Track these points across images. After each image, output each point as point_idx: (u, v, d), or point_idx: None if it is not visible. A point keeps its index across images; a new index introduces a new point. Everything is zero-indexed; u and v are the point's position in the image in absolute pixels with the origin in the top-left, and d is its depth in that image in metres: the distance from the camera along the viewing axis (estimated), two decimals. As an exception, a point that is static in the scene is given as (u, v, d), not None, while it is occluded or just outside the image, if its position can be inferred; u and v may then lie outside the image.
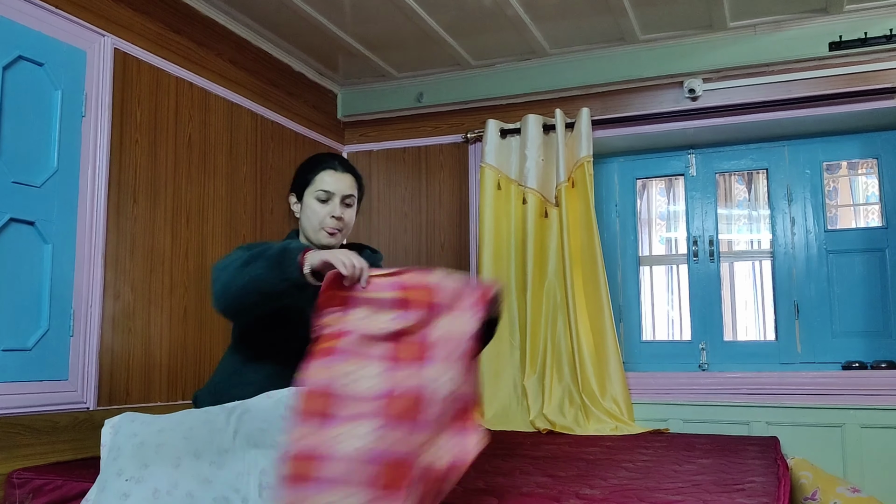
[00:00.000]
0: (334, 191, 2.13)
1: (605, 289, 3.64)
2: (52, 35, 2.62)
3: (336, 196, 2.13)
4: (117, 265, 2.83)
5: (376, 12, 3.40)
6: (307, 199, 2.15)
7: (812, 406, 3.37)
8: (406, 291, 1.61)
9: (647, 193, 4.17)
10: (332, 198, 2.13)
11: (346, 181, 2.16)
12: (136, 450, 1.68)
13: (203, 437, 1.68)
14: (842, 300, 3.65)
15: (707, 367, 3.79)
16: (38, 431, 2.43)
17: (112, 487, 1.62)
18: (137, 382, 2.88)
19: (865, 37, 3.36)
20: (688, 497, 1.89)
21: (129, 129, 2.93)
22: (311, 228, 2.14)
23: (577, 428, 3.49)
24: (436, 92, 4.17)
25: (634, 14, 3.44)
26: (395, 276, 1.66)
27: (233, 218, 3.46)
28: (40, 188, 2.54)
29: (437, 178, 4.21)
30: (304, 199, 2.16)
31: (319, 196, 2.13)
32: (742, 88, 3.63)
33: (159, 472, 1.63)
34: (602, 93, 3.89)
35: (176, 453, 1.67)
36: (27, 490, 2.25)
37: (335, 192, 2.13)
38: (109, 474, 1.66)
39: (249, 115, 3.61)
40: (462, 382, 1.52)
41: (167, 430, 1.73)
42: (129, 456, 1.67)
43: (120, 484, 1.62)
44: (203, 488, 1.61)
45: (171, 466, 1.64)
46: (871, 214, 3.78)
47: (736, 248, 3.96)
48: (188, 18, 3.25)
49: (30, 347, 2.48)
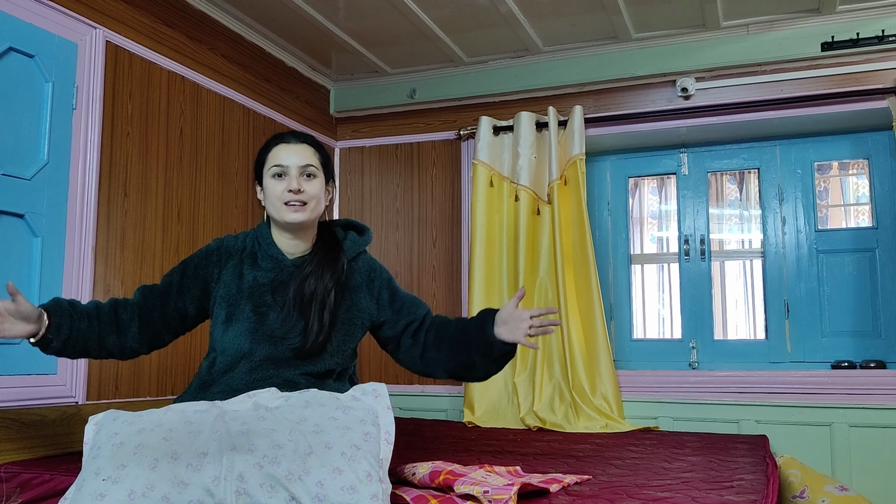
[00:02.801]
0: (288, 164, 2.02)
1: (596, 287, 3.64)
2: (44, 27, 2.60)
3: (292, 168, 2.02)
4: (107, 259, 2.82)
5: (370, 8, 3.40)
6: (266, 182, 2.05)
7: (801, 405, 3.39)
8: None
9: (639, 192, 4.18)
10: (288, 171, 2.02)
11: (301, 151, 2.05)
12: (115, 450, 1.65)
13: (182, 438, 1.65)
14: (832, 300, 3.66)
15: (697, 366, 3.80)
16: (27, 425, 2.42)
17: (89, 486, 1.59)
18: (126, 377, 2.87)
19: (857, 37, 3.38)
20: (677, 494, 1.89)
21: (121, 123, 2.91)
22: (274, 210, 2.03)
23: (567, 425, 3.50)
24: (429, 88, 4.16)
25: (628, 12, 3.44)
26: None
27: (224, 212, 3.45)
28: (30, 181, 2.53)
29: (429, 175, 4.21)
30: (264, 183, 2.06)
31: (274, 172, 2.02)
32: (734, 88, 3.64)
33: (136, 473, 1.59)
34: (595, 91, 3.89)
35: (154, 455, 1.63)
36: (15, 484, 2.23)
37: (289, 165, 2.02)
38: (88, 473, 1.63)
39: (242, 109, 3.60)
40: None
41: (147, 431, 1.69)
42: (108, 456, 1.64)
43: (97, 483, 1.58)
44: (178, 491, 1.57)
45: (148, 468, 1.60)
46: (861, 215, 3.80)
47: (727, 247, 3.97)
48: (181, 12, 3.23)
49: (18, 341, 2.46)
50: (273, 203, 2.03)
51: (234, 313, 1.99)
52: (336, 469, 1.63)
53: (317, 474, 1.62)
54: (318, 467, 1.63)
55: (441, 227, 4.15)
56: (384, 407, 1.87)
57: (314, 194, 2.04)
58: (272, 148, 2.06)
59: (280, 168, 2.02)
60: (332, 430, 1.71)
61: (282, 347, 1.99)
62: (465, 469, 2.00)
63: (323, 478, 1.61)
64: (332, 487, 1.60)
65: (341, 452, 1.66)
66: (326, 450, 1.66)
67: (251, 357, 1.97)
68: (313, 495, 1.59)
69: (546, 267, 3.78)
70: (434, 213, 4.17)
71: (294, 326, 2.00)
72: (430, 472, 1.95)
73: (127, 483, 1.57)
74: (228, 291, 2.02)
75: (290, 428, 1.69)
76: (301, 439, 1.67)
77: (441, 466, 2.00)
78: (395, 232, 4.24)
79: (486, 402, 3.72)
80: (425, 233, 4.18)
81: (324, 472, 1.62)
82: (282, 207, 2.01)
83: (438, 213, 4.16)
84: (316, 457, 1.65)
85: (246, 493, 1.58)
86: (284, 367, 1.99)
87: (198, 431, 1.66)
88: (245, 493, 1.59)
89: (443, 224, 4.15)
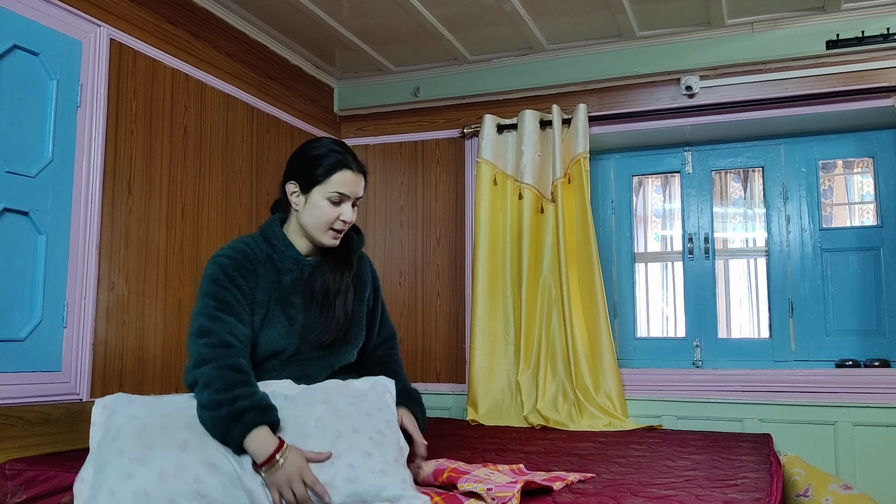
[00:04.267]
0: (350, 194, 1.99)
1: (600, 285, 3.64)
2: (48, 25, 2.61)
3: (350, 198, 2.00)
4: (112, 256, 2.82)
5: (374, 6, 3.39)
6: (315, 197, 1.98)
7: (805, 404, 3.38)
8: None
9: (643, 190, 4.17)
10: (346, 200, 1.99)
11: (360, 183, 2.02)
12: (138, 431, 1.65)
13: None
14: (836, 298, 3.65)
15: (701, 364, 3.79)
16: (31, 423, 2.43)
17: (114, 467, 1.59)
18: (131, 374, 2.87)
19: (862, 35, 3.36)
20: (680, 492, 1.89)
21: (125, 120, 2.91)
22: (315, 227, 1.99)
23: (570, 423, 3.49)
24: (432, 86, 4.16)
25: (632, 10, 3.43)
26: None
27: (228, 210, 3.46)
28: (35, 178, 2.53)
29: (433, 173, 4.21)
30: (312, 196, 1.98)
31: (332, 198, 1.97)
32: (739, 86, 3.63)
33: (164, 454, 1.60)
34: (599, 89, 3.89)
35: (182, 437, 1.64)
36: (20, 481, 2.24)
37: (350, 195, 1.99)
38: (110, 454, 1.62)
39: (246, 107, 3.60)
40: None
41: (171, 415, 1.71)
42: (131, 437, 1.64)
43: (123, 463, 1.59)
44: (210, 473, 1.60)
45: (178, 450, 1.61)
46: (865, 213, 3.79)
47: (731, 245, 3.97)
48: (185, 10, 3.24)
49: (23, 338, 2.47)
50: (318, 222, 1.98)
51: (267, 317, 1.96)
52: (365, 452, 1.66)
53: (347, 457, 1.65)
54: (348, 450, 1.66)
55: (445, 225, 4.15)
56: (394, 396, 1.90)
57: (353, 222, 2.06)
58: (337, 171, 1.97)
59: (341, 196, 1.97)
60: (355, 415, 1.75)
61: (307, 345, 1.99)
62: (469, 467, 2.00)
63: (353, 460, 1.64)
64: (362, 470, 1.63)
65: (369, 437, 1.70)
66: (354, 434, 1.70)
67: (280, 356, 1.97)
68: (345, 477, 1.62)
69: (550, 265, 3.77)
70: (438, 211, 4.17)
71: (319, 321, 2.00)
72: (434, 471, 1.95)
73: (156, 464, 1.58)
74: (262, 297, 1.98)
75: (315, 413, 1.73)
76: (327, 424, 1.70)
77: (444, 464, 2.00)
78: (399, 230, 4.24)
79: (489, 400, 3.72)
80: (429, 231, 4.18)
81: (354, 455, 1.65)
82: (326, 232, 1.99)
83: (442, 211, 4.16)
84: (345, 440, 1.68)
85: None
86: (307, 363, 2.00)
87: None
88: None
89: (447, 222, 4.15)
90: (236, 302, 1.89)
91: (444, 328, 4.08)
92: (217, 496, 1.58)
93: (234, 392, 1.69)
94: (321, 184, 1.97)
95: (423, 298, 4.14)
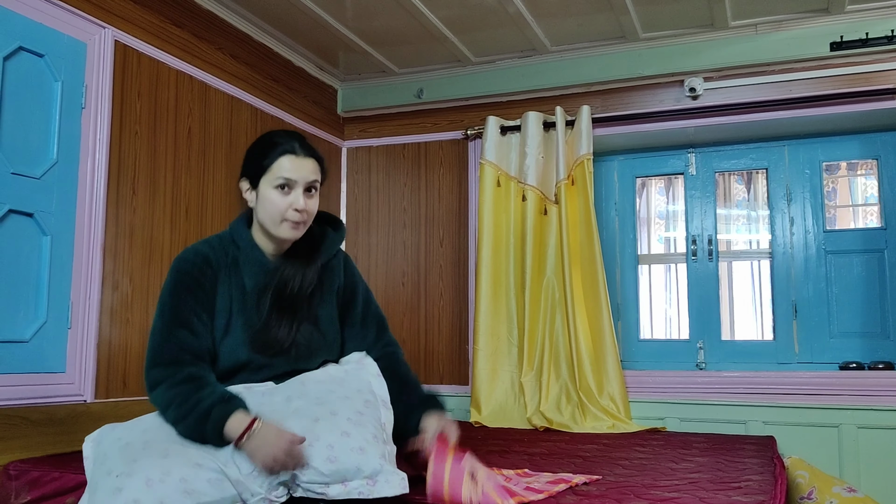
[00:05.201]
0: (296, 178, 1.89)
1: (603, 287, 3.64)
2: (53, 26, 2.61)
3: (299, 184, 1.90)
4: (116, 257, 2.83)
5: (377, 8, 3.40)
6: (264, 189, 1.91)
7: (809, 406, 3.38)
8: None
9: (646, 192, 4.17)
10: (295, 186, 1.90)
11: (308, 166, 1.92)
12: (121, 450, 1.68)
13: None
14: (840, 301, 3.65)
15: (705, 367, 3.79)
16: (35, 423, 2.43)
17: (103, 486, 1.61)
18: (135, 375, 2.87)
19: (867, 37, 3.36)
20: (684, 494, 1.89)
21: (129, 121, 2.92)
22: (270, 221, 1.92)
23: (573, 425, 3.49)
24: (436, 88, 4.16)
25: (636, 12, 3.43)
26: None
27: (231, 211, 3.46)
28: (40, 179, 2.54)
29: (436, 175, 4.21)
30: (261, 189, 1.92)
31: (279, 184, 1.89)
32: (743, 88, 3.63)
33: (148, 463, 1.62)
34: (602, 91, 3.88)
35: (163, 447, 1.67)
36: (23, 482, 2.24)
37: (297, 180, 1.90)
38: (99, 476, 1.65)
39: (249, 109, 3.61)
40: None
41: (151, 430, 1.74)
42: (116, 457, 1.66)
43: (111, 481, 1.60)
44: (195, 471, 1.61)
45: (161, 457, 1.63)
46: (870, 215, 3.78)
47: (735, 247, 3.96)
48: (189, 12, 3.24)
49: (27, 339, 2.47)
50: (271, 215, 1.91)
51: (230, 324, 1.91)
52: (344, 433, 1.69)
53: (326, 438, 1.67)
54: (327, 432, 1.69)
55: (448, 227, 4.15)
56: (374, 375, 1.91)
57: (313, 212, 1.96)
58: (278, 156, 1.91)
59: (286, 181, 1.89)
60: (333, 400, 1.77)
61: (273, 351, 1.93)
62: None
63: (332, 441, 1.67)
64: (341, 449, 1.66)
65: (347, 418, 1.72)
66: (332, 416, 1.72)
67: (249, 366, 1.92)
68: (325, 458, 1.64)
69: (553, 267, 3.77)
70: (441, 212, 4.18)
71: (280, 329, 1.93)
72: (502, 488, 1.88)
73: (142, 473, 1.60)
74: (223, 303, 1.92)
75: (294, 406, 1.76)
76: (305, 411, 1.72)
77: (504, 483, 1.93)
78: (403, 231, 4.24)
79: (492, 402, 3.72)
80: (432, 232, 4.18)
81: (333, 436, 1.68)
82: (281, 223, 1.91)
83: (445, 212, 4.17)
84: (323, 422, 1.70)
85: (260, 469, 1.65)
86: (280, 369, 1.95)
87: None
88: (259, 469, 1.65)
89: (450, 223, 4.15)
90: (190, 312, 1.86)
91: (447, 330, 4.08)
92: (204, 490, 1.59)
93: (191, 399, 1.72)
94: (266, 173, 1.91)
95: (426, 300, 4.14)
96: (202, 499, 1.58)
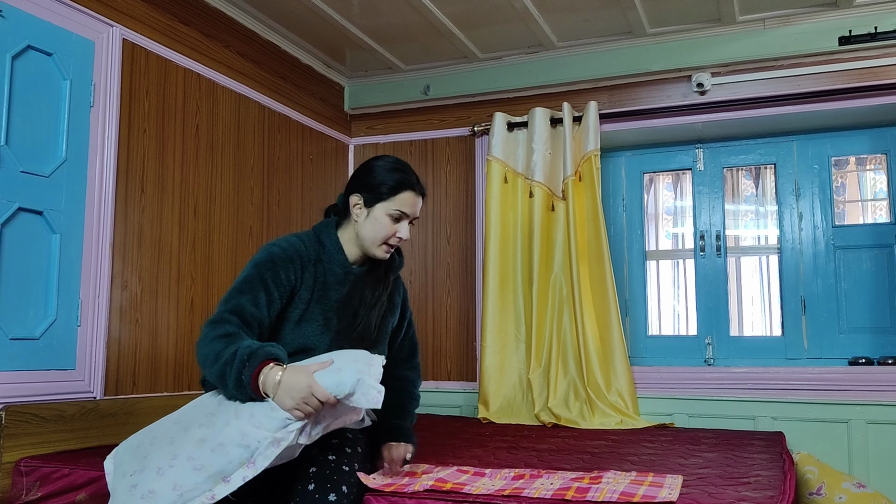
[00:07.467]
0: (410, 213, 2.12)
1: (611, 283, 3.63)
2: (61, 25, 2.62)
3: (408, 218, 2.13)
4: (125, 255, 2.84)
5: (384, 5, 3.40)
6: (378, 212, 2.09)
7: (818, 401, 3.37)
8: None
9: (654, 188, 4.16)
10: (404, 219, 2.12)
11: (419, 204, 2.15)
12: (134, 452, 1.79)
13: (189, 413, 1.84)
14: (849, 296, 3.63)
15: (713, 362, 3.78)
16: (46, 420, 2.44)
17: (121, 488, 1.72)
18: (144, 373, 2.89)
19: (875, 31, 3.34)
20: (693, 490, 1.89)
21: (137, 120, 2.93)
22: (371, 240, 2.10)
23: (581, 422, 3.49)
24: (443, 85, 4.16)
25: (643, 7, 3.42)
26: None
27: (239, 209, 3.47)
28: (49, 178, 2.55)
29: (443, 171, 4.21)
30: (375, 210, 2.09)
31: (394, 214, 2.09)
32: (750, 83, 3.62)
33: (156, 454, 1.72)
34: (610, 86, 3.88)
35: (168, 435, 1.77)
36: (34, 478, 2.26)
37: (409, 215, 2.12)
38: (117, 481, 1.76)
39: (257, 106, 3.61)
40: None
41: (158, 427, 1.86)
42: (130, 460, 1.77)
43: (126, 481, 1.71)
44: (200, 447, 1.70)
45: (167, 444, 1.74)
46: (878, 210, 3.77)
47: (743, 243, 3.95)
48: (196, 10, 3.25)
49: (37, 337, 2.49)
50: (375, 236, 2.09)
51: (306, 315, 2.05)
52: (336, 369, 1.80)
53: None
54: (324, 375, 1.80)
55: (455, 224, 4.15)
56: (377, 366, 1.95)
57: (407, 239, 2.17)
58: (403, 190, 2.09)
59: (402, 214, 2.10)
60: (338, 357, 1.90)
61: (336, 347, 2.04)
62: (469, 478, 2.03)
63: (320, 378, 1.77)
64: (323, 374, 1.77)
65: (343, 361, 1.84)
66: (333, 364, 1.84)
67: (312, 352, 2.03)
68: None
69: (561, 263, 3.77)
70: (448, 209, 4.18)
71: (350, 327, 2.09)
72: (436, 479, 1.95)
73: (152, 465, 1.70)
74: (305, 294, 2.07)
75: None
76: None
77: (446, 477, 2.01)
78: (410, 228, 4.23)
79: (500, 398, 3.72)
80: (440, 229, 4.19)
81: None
82: (381, 246, 2.10)
83: (453, 209, 4.17)
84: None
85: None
86: None
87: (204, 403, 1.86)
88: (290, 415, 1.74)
89: (457, 220, 4.15)
90: (260, 287, 1.97)
91: (455, 326, 4.08)
92: (211, 461, 1.68)
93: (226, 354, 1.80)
94: (385, 200, 2.09)
95: (434, 296, 4.14)
96: (211, 469, 1.67)
